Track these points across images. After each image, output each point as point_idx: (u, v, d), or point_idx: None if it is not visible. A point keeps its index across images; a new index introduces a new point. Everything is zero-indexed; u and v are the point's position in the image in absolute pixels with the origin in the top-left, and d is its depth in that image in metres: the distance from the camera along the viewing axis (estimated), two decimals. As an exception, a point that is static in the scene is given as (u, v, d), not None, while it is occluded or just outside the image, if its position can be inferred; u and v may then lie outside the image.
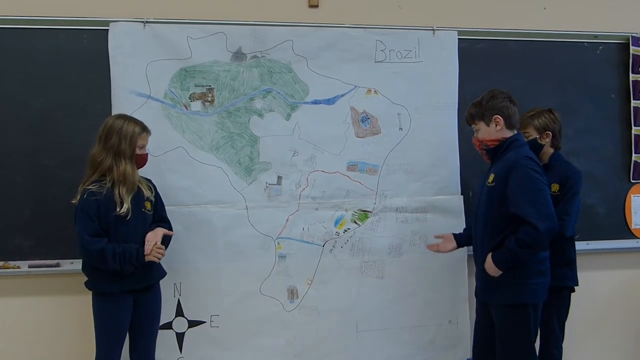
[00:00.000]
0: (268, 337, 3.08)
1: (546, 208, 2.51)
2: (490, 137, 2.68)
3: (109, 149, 2.58)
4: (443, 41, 3.25)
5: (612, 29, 3.48)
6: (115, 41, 2.96)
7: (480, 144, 2.72)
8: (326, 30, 3.15)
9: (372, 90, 3.19)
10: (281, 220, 3.09)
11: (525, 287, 2.58)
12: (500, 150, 2.67)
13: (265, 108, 3.10)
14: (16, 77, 2.95)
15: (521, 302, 2.58)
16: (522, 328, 2.59)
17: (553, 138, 2.94)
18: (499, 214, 2.59)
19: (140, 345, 2.72)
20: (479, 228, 2.73)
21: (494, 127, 2.66)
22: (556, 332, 2.94)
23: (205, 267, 3.02)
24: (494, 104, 2.66)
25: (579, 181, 2.89)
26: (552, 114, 2.96)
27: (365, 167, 3.18)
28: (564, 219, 2.80)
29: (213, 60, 3.05)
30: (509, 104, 2.67)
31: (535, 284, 2.60)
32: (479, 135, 2.72)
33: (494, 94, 2.69)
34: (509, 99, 2.69)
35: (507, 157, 2.62)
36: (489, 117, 2.66)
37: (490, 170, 2.70)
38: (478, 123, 2.71)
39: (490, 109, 2.66)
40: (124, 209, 2.56)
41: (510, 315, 2.60)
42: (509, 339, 2.62)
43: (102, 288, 2.60)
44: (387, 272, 3.18)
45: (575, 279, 2.96)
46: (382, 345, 3.18)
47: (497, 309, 2.66)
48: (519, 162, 2.56)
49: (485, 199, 2.67)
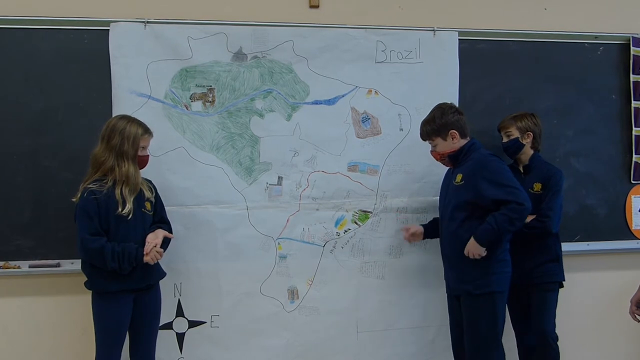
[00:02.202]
0: (268, 337, 3.08)
1: (520, 190, 2.70)
2: (449, 149, 2.86)
3: (112, 149, 2.59)
4: (444, 42, 3.25)
5: (613, 29, 3.48)
6: (116, 41, 2.97)
7: (441, 156, 2.89)
8: (327, 31, 3.15)
9: (373, 91, 3.19)
10: (282, 220, 3.09)
11: (493, 276, 2.76)
12: (461, 155, 2.85)
13: (265, 108, 3.10)
14: (17, 78, 2.95)
15: (489, 291, 2.74)
16: (490, 315, 2.74)
17: (533, 140, 3.07)
18: (468, 204, 2.76)
19: (140, 346, 2.72)
20: (447, 223, 2.86)
21: (451, 141, 2.85)
22: (549, 330, 2.97)
23: (206, 268, 3.02)
24: (447, 119, 2.83)
25: (560, 179, 3.01)
26: (534, 118, 3.10)
27: (366, 168, 3.18)
28: (548, 215, 2.93)
29: (214, 61, 3.05)
30: (459, 117, 2.85)
31: (501, 273, 2.78)
32: (439, 149, 2.88)
33: (443, 110, 2.86)
34: (458, 111, 2.87)
35: (471, 158, 2.82)
36: (445, 133, 2.84)
37: (455, 172, 2.86)
38: (435, 139, 2.87)
39: (445, 125, 2.83)
40: (127, 209, 2.57)
41: (479, 304, 2.75)
42: (478, 328, 2.75)
43: (101, 287, 2.60)
44: (387, 273, 3.18)
45: (562, 274, 3.04)
46: (383, 346, 3.18)
47: (467, 300, 2.80)
48: (487, 159, 2.79)
49: (453, 196, 2.83)
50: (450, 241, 2.84)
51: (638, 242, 3.51)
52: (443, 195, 2.95)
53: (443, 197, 2.94)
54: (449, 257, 2.88)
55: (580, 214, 3.40)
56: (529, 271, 2.96)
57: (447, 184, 2.94)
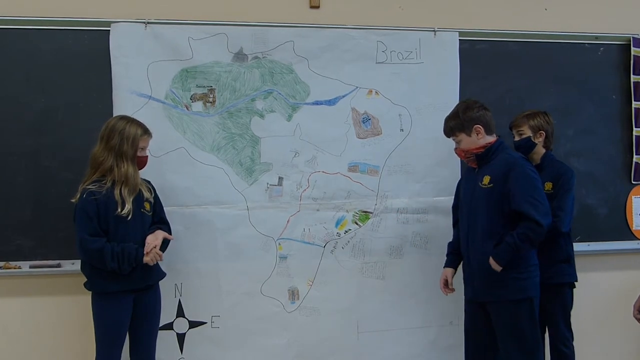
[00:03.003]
0: (269, 337, 3.07)
1: (544, 205, 2.63)
2: (474, 146, 2.75)
3: (111, 149, 2.59)
4: (444, 42, 3.25)
5: (613, 30, 3.48)
6: (117, 42, 2.97)
7: (465, 153, 2.79)
8: (327, 31, 3.15)
9: (373, 91, 3.19)
10: (282, 221, 3.09)
11: (527, 280, 2.68)
12: (488, 155, 2.74)
13: (266, 109, 3.10)
14: (18, 78, 2.95)
15: (527, 296, 2.66)
16: (530, 321, 2.66)
17: (546, 138, 3.01)
18: (500, 211, 2.66)
19: (141, 346, 2.72)
20: (476, 228, 2.74)
21: (476, 136, 2.74)
22: (563, 331, 2.95)
23: (206, 268, 3.02)
24: (471, 114, 2.74)
25: (571, 178, 2.95)
26: (547, 116, 3.04)
27: (366, 168, 3.18)
28: (558, 215, 2.85)
29: (214, 61, 3.05)
30: (484, 112, 2.76)
31: (535, 277, 2.71)
32: (463, 146, 2.78)
33: (468, 105, 2.78)
34: (483, 106, 2.78)
35: (499, 158, 2.72)
36: (469, 128, 2.74)
37: (481, 173, 2.75)
38: (459, 135, 2.77)
39: (469, 120, 2.74)
40: (126, 210, 2.57)
41: (518, 310, 2.65)
42: (519, 335, 2.65)
43: (101, 287, 2.60)
44: (388, 273, 3.18)
45: (574, 274, 2.99)
46: (383, 346, 3.17)
47: (501, 306, 2.68)
48: (516, 163, 2.68)
49: (482, 200, 2.72)
50: (480, 246, 2.70)
51: (638, 243, 3.50)
52: (467, 199, 2.81)
53: (468, 202, 2.81)
54: (479, 262, 2.71)
55: (581, 215, 3.40)
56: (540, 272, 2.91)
57: (471, 186, 2.80)
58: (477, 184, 2.75)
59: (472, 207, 2.77)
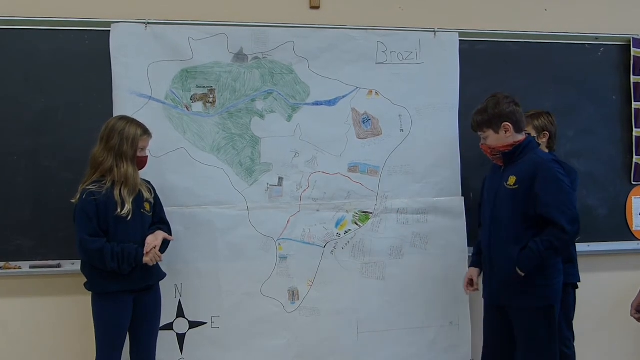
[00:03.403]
0: (269, 338, 3.07)
1: (573, 211, 2.52)
2: (502, 144, 2.62)
3: (111, 149, 2.59)
4: (444, 42, 3.25)
5: (613, 30, 3.48)
6: (117, 42, 2.97)
7: (492, 150, 2.66)
8: (327, 32, 3.15)
9: (373, 92, 3.19)
10: (282, 221, 3.09)
11: (551, 287, 2.59)
12: (516, 154, 2.62)
13: (266, 109, 3.10)
14: (17, 78, 2.96)
15: (549, 304, 2.58)
16: (550, 329, 2.58)
17: (549, 139, 3.00)
18: (525, 214, 2.56)
19: (141, 346, 2.72)
20: (499, 231, 2.64)
21: (504, 134, 2.61)
22: (564, 331, 2.94)
23: (206, 268, 3.02)
24: (500, 110, 2.60)
25: (574, 179, 2.91)
26: (551, 117, 3.03)
27: (366, 169, 3.18)
28: None
29: (214, 62, 3.05)
30: (515, 108, 2.61)
31: (558, 284, 2.61)
32: (489, 143, 2.65)
33: (498, 100, 2.63)
34: (514, 102, 2.63)
35: (527, 158, 2.60)
36: (497, 125, 2.60)
37: (507, 172, 2.64)
38: (487, 131, 2.64)
39: (498, 116, 2.60)
40: (126, 210, 2.57)
41: (538, 318, 2.57)
42: (538, 342, 2.57)
43: (101, 288, 2.60)
44: (388, 274, 3.18)
45: (577, 275, 2.98)
46: (383, 347, 3.17)
47: (522, 312, 2.60)
48: (545, 165, 2.55)
49: (506, 201, 2.61)
50: (503, 249, 2.60)
51: (639, 243, 3.51)
52: (491, 198, 2.70)
53: (491, 201, 2.69)
54: (502, 267, 2.62)
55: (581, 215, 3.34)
56: None
57: (495, 186, 2.68)
58: (502, 184, 2.64)
59: (496, 207, 2.67)
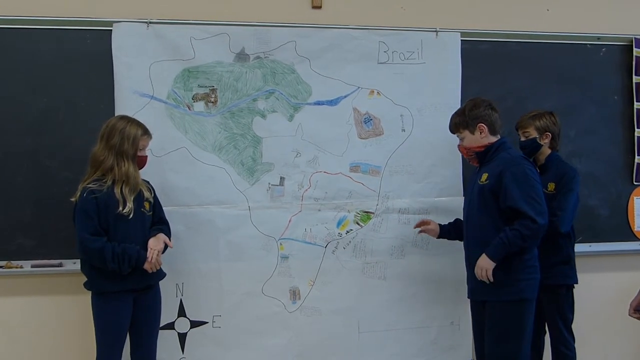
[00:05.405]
0: (270, 337, 3.08)
1: (542, 205, 2.61)
2: (476, 144, 2.77)
3: (111, 148, 2.59)
4: (446, 42, 3.25)
5: (615, 30, 3.48)
6: (119, 42, 2.97)
7: (467, 151, 2.81)
8: (329, 31, 3.15)
9: (375, 92, 3.19)
10: (283, 221, 3.09)
11: (523, 282, 2.65)
12: (489, 153, 2.75)
13: (268, 109, 3.10)
14: (19, 78, 2.96)
15: (519, 298, 2.63)
16: (519, 323, 2.64)
17: (552, 139, 2.99)
18: (493, 209, 2.66)
19: (141, 346, 2.72)
20: (471, 226, 2.78)
21: (479, 135, 2.75)
22: (562, 333, 2.94)
23: (208, 268, 3.02)
24: (477, 112, 2.74)
25: (574, 178, 2.92)
26: (553, 117, 3.01)
27: (368, 168, 3.18)
28: (558, 215, 2.82)
29: (216, 61, 3.05)
30: (490, 112, 2.76)
31: (532, 279, 2.67)
32: (465, 143, 2.80)
33: (476, 103, 2.78)
34: (491, 106, 2.77)
35: (500, 157, 2.72)
36: (473, 126, 2.75)
37: (481, 171, 2.76)
38: (463, 132, 2.79)
39: (474, 118, 2.74)
40: (127, 209, 2.57)
41: (507, 311, 2.64)
42: (505, 335, 2.64)
43: (101, 287, 2.60)
44: (389, 273, 3.18)
45: (574, 276, 2.97)
46: (384, 346, 3.17)
47: (494, 306, 2.68)
48: (515, 160, 2.68)
49: (477, 197, 2.73)
50: (476, 245, 2.70)
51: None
52: (468, 196, 2.87)
53: (468, 198, 2.85)
54: (475, 260, 2.69)
55: (582, 215, 3.39)
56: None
57: (471, 184, 2.83)
58: (476, 182, 2.77)
59: (470, 205, 2.81)
